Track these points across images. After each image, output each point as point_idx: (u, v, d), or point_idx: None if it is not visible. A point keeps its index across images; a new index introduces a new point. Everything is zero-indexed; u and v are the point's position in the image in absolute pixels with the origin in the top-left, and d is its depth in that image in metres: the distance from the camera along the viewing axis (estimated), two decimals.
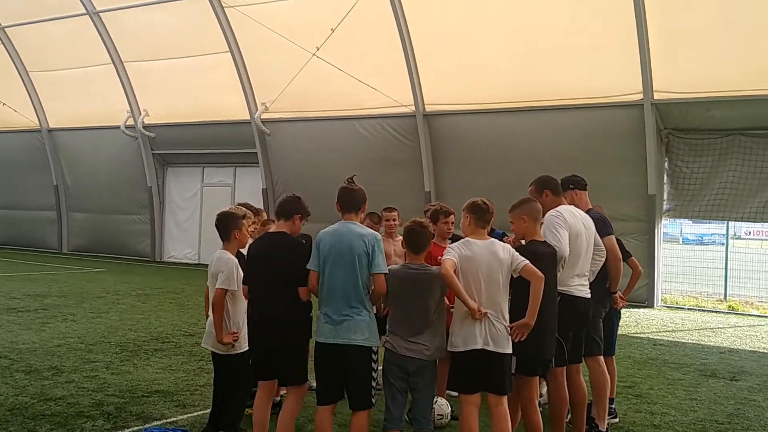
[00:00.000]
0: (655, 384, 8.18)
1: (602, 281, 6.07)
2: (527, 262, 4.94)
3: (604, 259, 5.99)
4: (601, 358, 6.03)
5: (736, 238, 35.61)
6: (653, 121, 14.25)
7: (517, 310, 4.98)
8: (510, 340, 4.91)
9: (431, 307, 4.96)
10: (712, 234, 36.89)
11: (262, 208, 6.73)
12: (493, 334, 4.87)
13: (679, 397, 7.65)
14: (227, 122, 20.21)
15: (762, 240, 36.06)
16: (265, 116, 19.23)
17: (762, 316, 14.54)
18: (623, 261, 6.34)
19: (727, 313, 15.02)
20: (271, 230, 5.76)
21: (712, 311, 15.18)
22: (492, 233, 6.73)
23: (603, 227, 6.00)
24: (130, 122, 21.80)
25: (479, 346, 4.84)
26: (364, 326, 4.88)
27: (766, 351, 10.53)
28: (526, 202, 5.48)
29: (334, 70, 16.48)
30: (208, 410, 6.46)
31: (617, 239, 6.29)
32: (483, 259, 4.93)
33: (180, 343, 9.72)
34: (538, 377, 5.35)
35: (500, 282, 4.93)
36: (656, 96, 14.17)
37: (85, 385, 7.37)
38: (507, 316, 4.95)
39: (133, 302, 13.44)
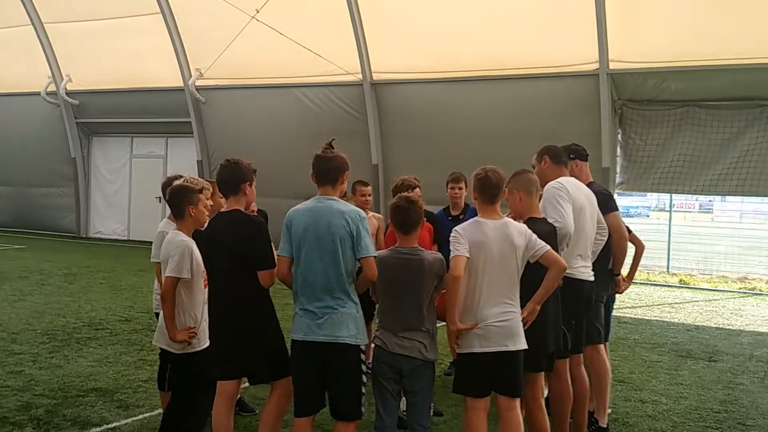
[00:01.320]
0: (635, 367, 7.76)
1: (605, 263, 5.45)
2: (549, 248, 4.27)
3: (605, 239, 5.39)
4: (602, 346, 5.46)
5: (658, 210, 36.25)
6: (608, 92, 13.83)
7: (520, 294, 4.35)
8: (523, 334, 4.26)
9: (424, 298, 4.26)
10: (637, 206, 37.63)
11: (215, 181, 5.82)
12: (509, 329, 4.20)
13: (664, 381, 7.23)
14: (158, 89, 18.83)
15: (686, 212, 36.81)
16: (199, 83, 18.03)
17: (713, 290, 14.44)
18: None
19: (679, 287, 14.85)
20: (222, 209, 4.93)
21: (663, 285, 15.01)
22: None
23: (607, 202, 5.40)
24: (52, 88, 20.23)
25: (497, 348, 4.18)
26: (350, 321, 4.12)
27: (732, 328, 10.27)
28: (517, 175, 4.80)
29: (276, 35, 15.39)
30: (156, 412, 5.71)
31: None
32: (495, 244, 4.23)
33: (116, 330, 8.81)
34: (543, 373, 4.73)
35: (514, 270, 4.26)
36: (612, 66, 13.70)
37: (8, 382, 6.45)
38: (519, 307, 4.30)
39: (59, 283, 12.33)
